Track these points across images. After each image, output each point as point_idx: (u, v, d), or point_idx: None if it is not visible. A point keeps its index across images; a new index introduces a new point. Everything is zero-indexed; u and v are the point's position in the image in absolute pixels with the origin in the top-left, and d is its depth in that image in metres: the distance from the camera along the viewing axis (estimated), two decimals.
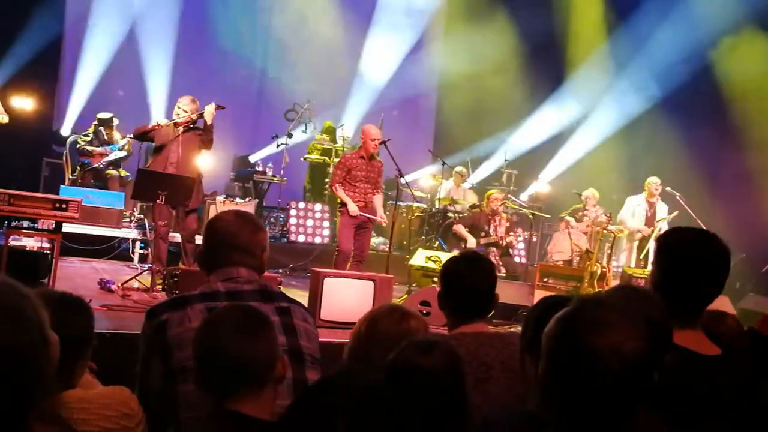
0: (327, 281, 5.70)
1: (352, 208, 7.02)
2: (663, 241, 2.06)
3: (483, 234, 8.59)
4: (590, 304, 1.41)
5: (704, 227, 8.66)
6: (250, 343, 1.81)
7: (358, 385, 1.30)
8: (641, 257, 9.22)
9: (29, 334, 0.98)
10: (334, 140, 11.09)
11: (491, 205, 8.65)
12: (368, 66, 12.97)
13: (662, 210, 9.26)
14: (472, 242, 8.49)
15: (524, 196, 11.83)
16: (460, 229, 8.71)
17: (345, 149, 10.53)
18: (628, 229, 9.29)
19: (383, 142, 7.55)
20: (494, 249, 8.49)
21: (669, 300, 1.88)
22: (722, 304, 5.30)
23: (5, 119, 5.81)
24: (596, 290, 7.42)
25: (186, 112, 6.92)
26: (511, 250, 9.16)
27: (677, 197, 9.08)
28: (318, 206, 10.25)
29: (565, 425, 1.39)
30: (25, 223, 7.28)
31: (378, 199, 7.33)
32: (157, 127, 6.94)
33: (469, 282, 2.44)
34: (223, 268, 2.33)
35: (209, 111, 6.89)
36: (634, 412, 1.38)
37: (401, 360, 1.74)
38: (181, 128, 6.91)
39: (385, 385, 1.68)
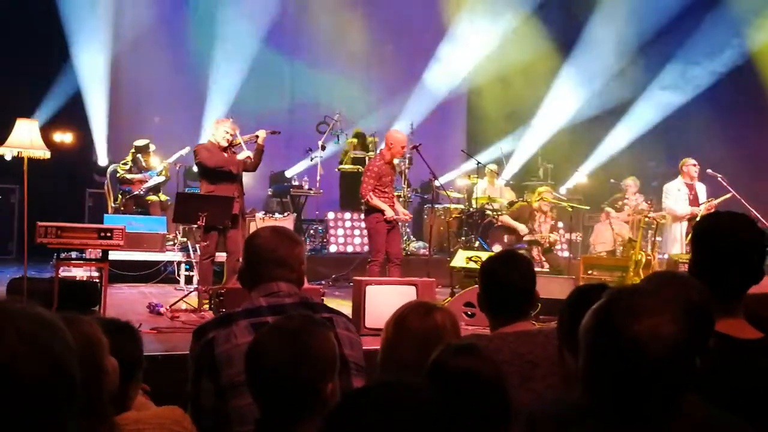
0: (369, 289, 5.73)
1: (390, 213, 7.09)
2: (697, 227, 2.03)
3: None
4: (625, 292, 1.41)
5: (750, 207, 8.49)
6: (292, 373, 1.78)
7: (397, 388, 1.31)
8: (686, 242, 9.01)
9: (49, 363, 1.01)
10: (364, 147, 11.15)
11: (540, 202, 8.60)
12: (396, 74, 13.05)
13: (701, 190, 8.97)
14: (522, 228, 8.43)
15: (562, 190, 11.73)
16: (508, 219, 8.69)
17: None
18: (678, 216, 8.93)
19: (415, 147, 7.60)
20: (537, 246, 8.47)
21: (705, 287, 1.85)
22: None
23: (47, 154, 5.97)
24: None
25: (233, 135, 7.04)
26: (553, 248, 9.09)
27: (719, 179, 8.86)
28: (355, 215, 10.31)
29: (609, 416, 1.39)
30: (74, 254, 7.48)
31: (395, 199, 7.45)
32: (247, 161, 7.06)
33: (506, 281, 2.41)
34: (264, 284, 2.38)
35: (263, 136, 7.09)
36: (678, 398, 1.37)
37: (441, 362, 1.75)
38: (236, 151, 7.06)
39: (426, 386, 1.68)
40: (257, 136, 7.11)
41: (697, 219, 2.26)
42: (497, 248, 9.07)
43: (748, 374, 1.79)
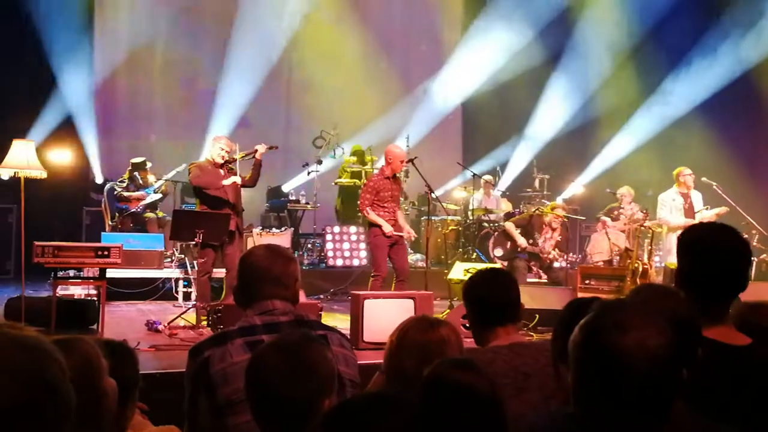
0: (367, 303, 5.74)
1: (388, 228, 7.08)
2: (682, 238, 2.07)
3: (531, 241, 8.56)
4: (611, 307, 1.43)
5: (744, 215, 8.50)
6: (293, 388, 1.80)
7: (395, 401, 1.32)
8: None
9: (37, 388, 1.02)
10: (363, 162, 11.19)
11: (551, 217, 8.60)
12: (392, 88, 13.11)
13: (697, 198, 8.91)
14: (521, 241, 8.47)
15: (559, 200, 11.75)
16: (511, 228, 8.70)
17: (375, 171, 10.61)
18: (673, 227, 8.84)
19: (411, 161, 7.63)
20: (536, 260, 8.51)
21: (693, 297, 1.88)
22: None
23: (44, 174, 6.01)
24: None
25: (228, 152, 7.06)
26: (552, 265, 9.08)
27: (714, 187, 8.87)
28: (353, 229, 10.33)
29: (601, 428, 1.40)
30: (71, 272, 7.49)
31: (400, 215, 7.41)
32: (232, 185, 7.00)
33: (491, 299, 2.47)
34: (258, 302, 2.40)
35: (261, 150, 7.09)
36: (667, 409, 1.39)
37: (437, 376, 1.77)
38: (228, 168, 7.07)
39: (422, 401, 1.70)
40: (256, 150, 7.14)
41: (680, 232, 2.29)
42: (498, 252, 9.10)
43: (738, 380, 1.81)
